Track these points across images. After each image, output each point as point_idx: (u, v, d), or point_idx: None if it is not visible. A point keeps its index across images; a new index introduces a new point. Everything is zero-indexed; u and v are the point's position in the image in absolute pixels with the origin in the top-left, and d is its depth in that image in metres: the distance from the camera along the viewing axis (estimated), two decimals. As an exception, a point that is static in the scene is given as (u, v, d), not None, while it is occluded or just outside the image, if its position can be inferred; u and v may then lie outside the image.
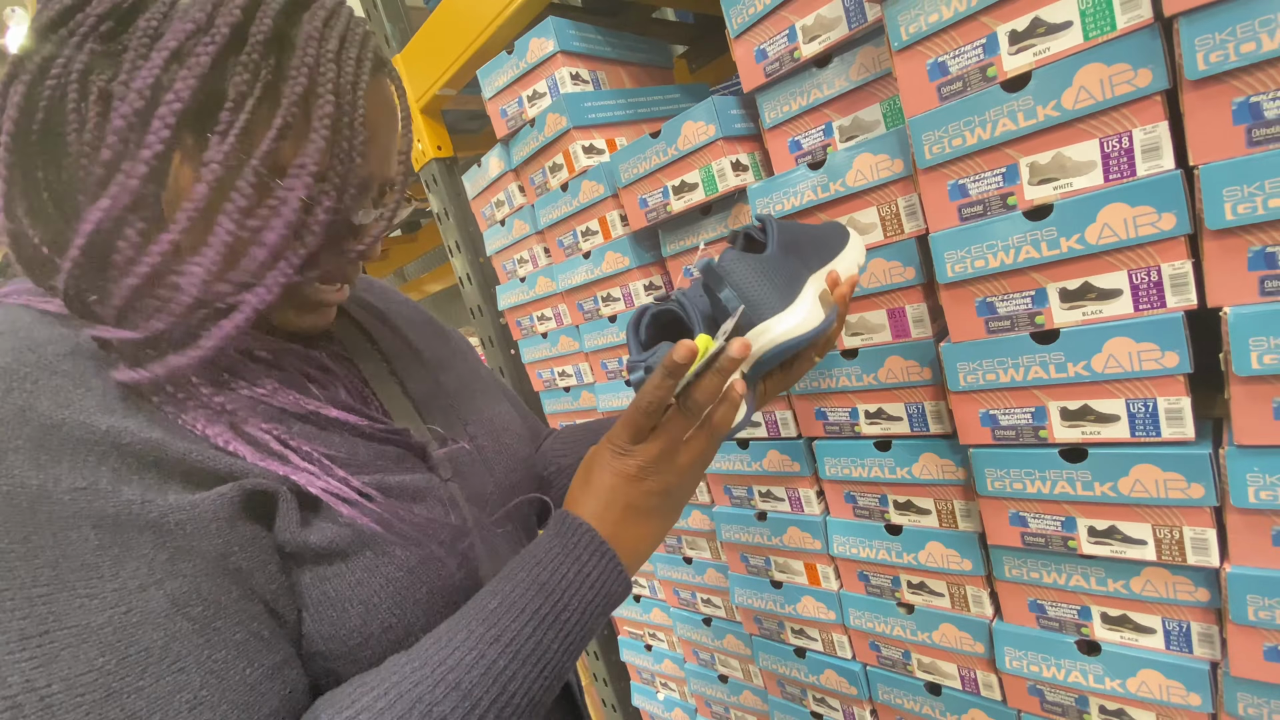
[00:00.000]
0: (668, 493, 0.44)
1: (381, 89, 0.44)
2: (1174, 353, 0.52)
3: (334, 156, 0.40)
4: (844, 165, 0.67)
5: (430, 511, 0.46)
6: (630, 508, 0.43)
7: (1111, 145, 0.51)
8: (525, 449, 0.64)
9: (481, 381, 0.66)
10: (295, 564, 0.39)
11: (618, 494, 0.43)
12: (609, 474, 0.44)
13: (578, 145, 0.91)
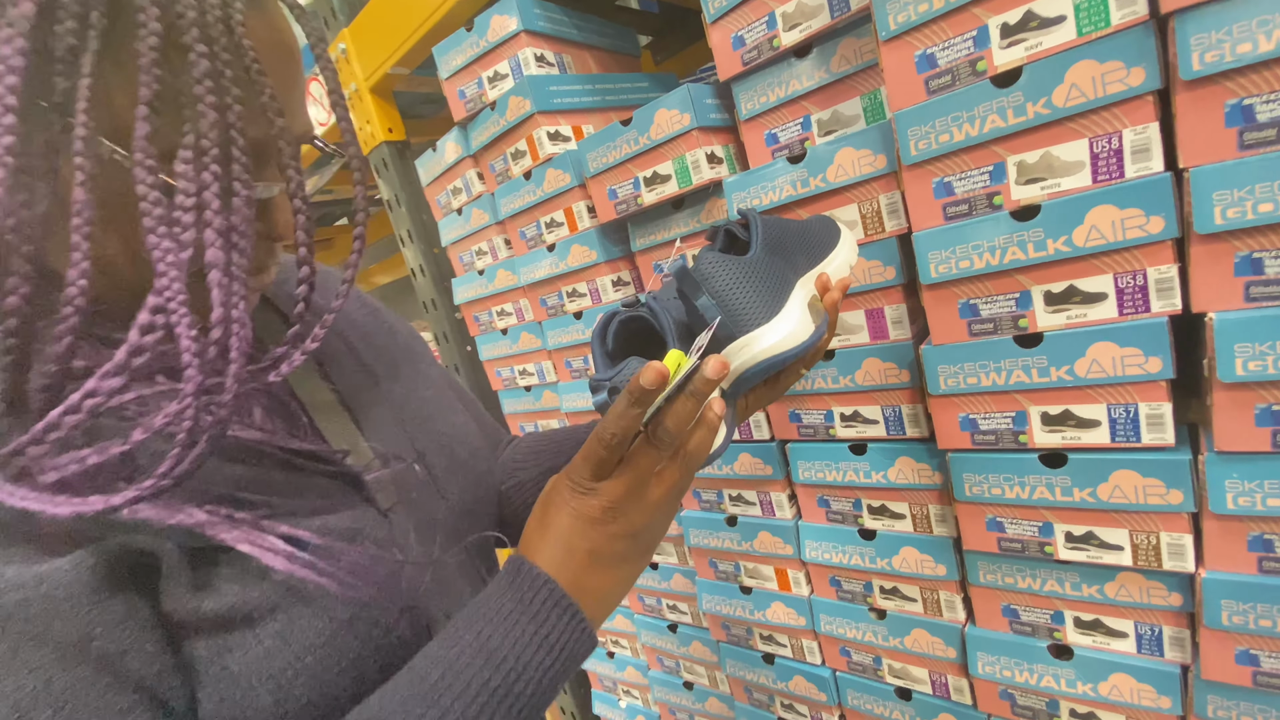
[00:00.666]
0: (636, 535, 0.39)
1: (267, 17, 0.35)
2: (1157, 358, 0.51)
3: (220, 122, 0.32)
4: (825, 159, 0.65)
5: (366, 554, 0.38)
6: (594, 554, 0.38)
7: (1101, 145, 0.50)
8: (483, 463, 0.57)
9: (432, 385, 0.58)
10: (188, 635, 0.32)
11: (579, 538, 0.38)
12: (569, 515, 0.38)
13: (542, 131, 0.86)
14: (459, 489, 0.52)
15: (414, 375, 0.57)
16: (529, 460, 0.62)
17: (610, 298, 0.90)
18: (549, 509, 0.39)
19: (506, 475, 0.61)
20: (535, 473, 0.61)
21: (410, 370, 0.57)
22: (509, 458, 0.64)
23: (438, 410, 0.56)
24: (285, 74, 0.36)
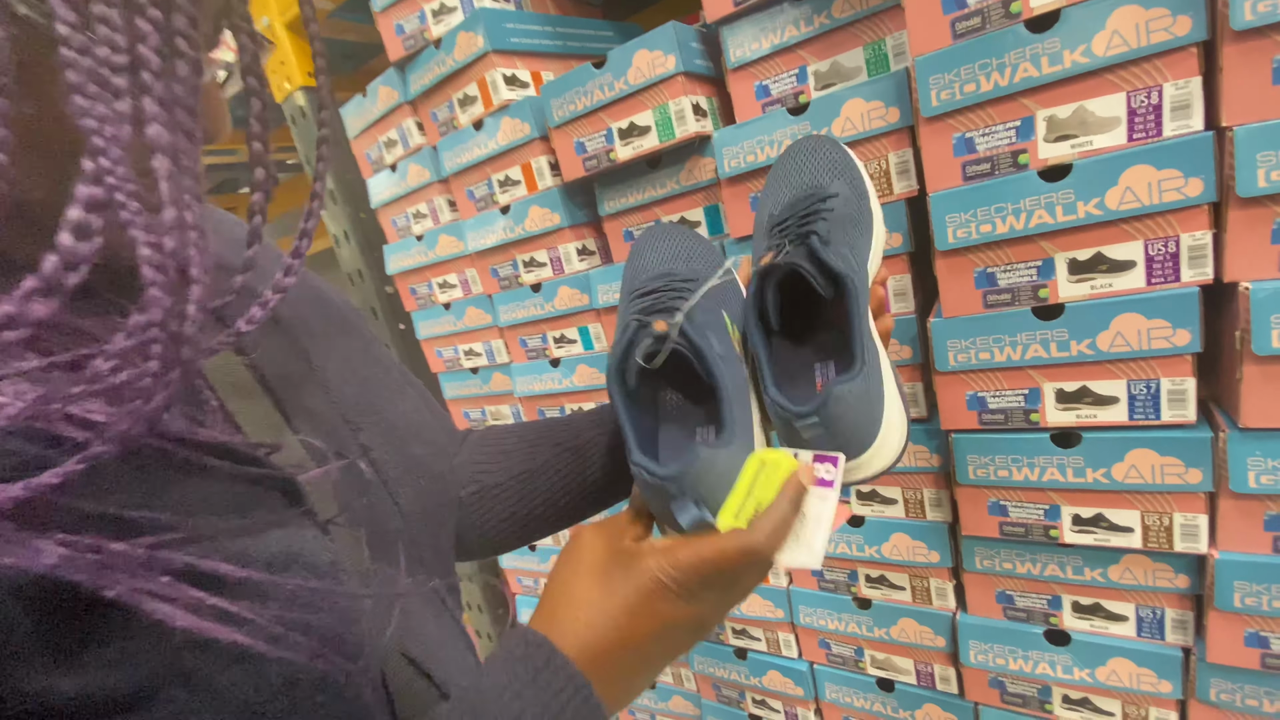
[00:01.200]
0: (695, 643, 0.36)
1: None
2: (1186, 330, 0.49)
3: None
4: (830, 111, 0.58)
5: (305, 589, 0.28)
6: (647, 659, 0.34)
7: (1139, 100, 0.47)
8: (441, 461, 0.47)
9: (379, 368, 0.47)
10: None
11: (650, 644, 0.33)
12: (652, 618, 0.33)
13: (497, 73, 0.75)
14: (415, 493, 0.41)
15: (354, 352, 0.45)
16: (495, 462, 0.51)
17: (575, 267, 0.81)
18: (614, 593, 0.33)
19: (466, 479, 0.50)
20: (503, 478, 0.50)
21: (349, 345, 0.45)
22: (468, 458, 0.52)
23: (385, 395, 0.44)
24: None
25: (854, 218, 0.43)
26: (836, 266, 0.38)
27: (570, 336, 0.85)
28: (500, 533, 0.49)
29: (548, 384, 0.88)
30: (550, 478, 0.49)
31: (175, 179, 0.22)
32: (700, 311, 0.39)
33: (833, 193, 0.43)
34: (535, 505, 0.49)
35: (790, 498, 0.34)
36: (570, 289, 0.81)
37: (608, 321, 0.80)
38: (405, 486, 0.41)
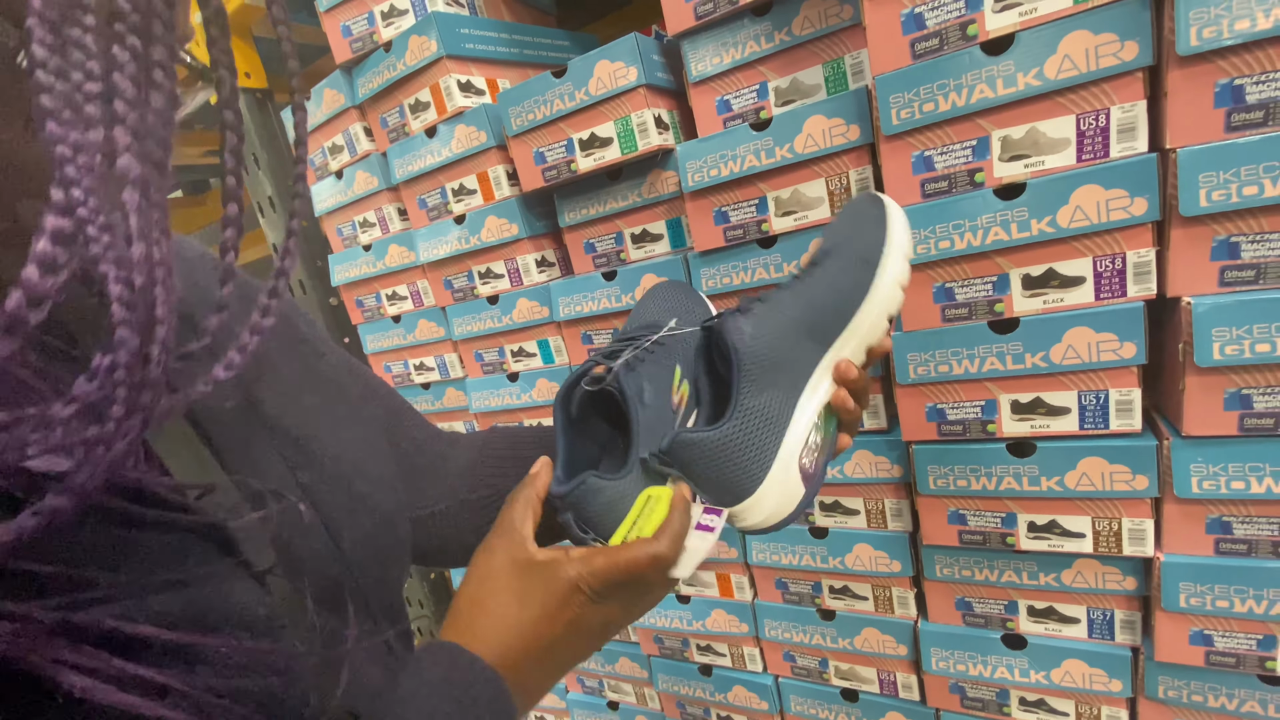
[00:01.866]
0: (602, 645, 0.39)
1: None
2: (1132, 343, 0.51)
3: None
4: (792, 128, 0.59)
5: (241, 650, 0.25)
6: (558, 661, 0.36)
7: (1088, 122, 0.48)
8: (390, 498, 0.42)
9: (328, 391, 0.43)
10: None
11: (566, 649, 0.35)
12: (563, 625, 0.34)
13: (451, 79, 0.72)
14: (360, 535, 0.38)
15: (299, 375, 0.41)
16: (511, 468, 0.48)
17: (534, 279, 0.78)
18: (528, 601, 0.34)
19: (477, 483, 0.48)
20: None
21: (293, 368, 0.41)
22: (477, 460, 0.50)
23: (330, 425, 0.40)
24: None
25: (826, 292, 0.42)
26: (729, 338, 0.40)
27: (529, 350, 0.82)
28: None
29: (505, 399, 0.85)
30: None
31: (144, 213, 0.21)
32: (651, 363, 0.42)
33: (818, 261, 0.43)
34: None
35: (680, 511, 0.36)
36: (529, 301, 0.79)
37: (569, 335, 0.78)
38: (348, 529, 0.37)
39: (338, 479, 0.38)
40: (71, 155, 0.19)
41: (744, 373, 0.39)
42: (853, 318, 0.41)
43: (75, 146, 0.19)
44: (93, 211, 0.19)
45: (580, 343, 0.78)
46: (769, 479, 0.39)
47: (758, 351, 0.39)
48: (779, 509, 0.40)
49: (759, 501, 0.39)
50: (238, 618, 0.26)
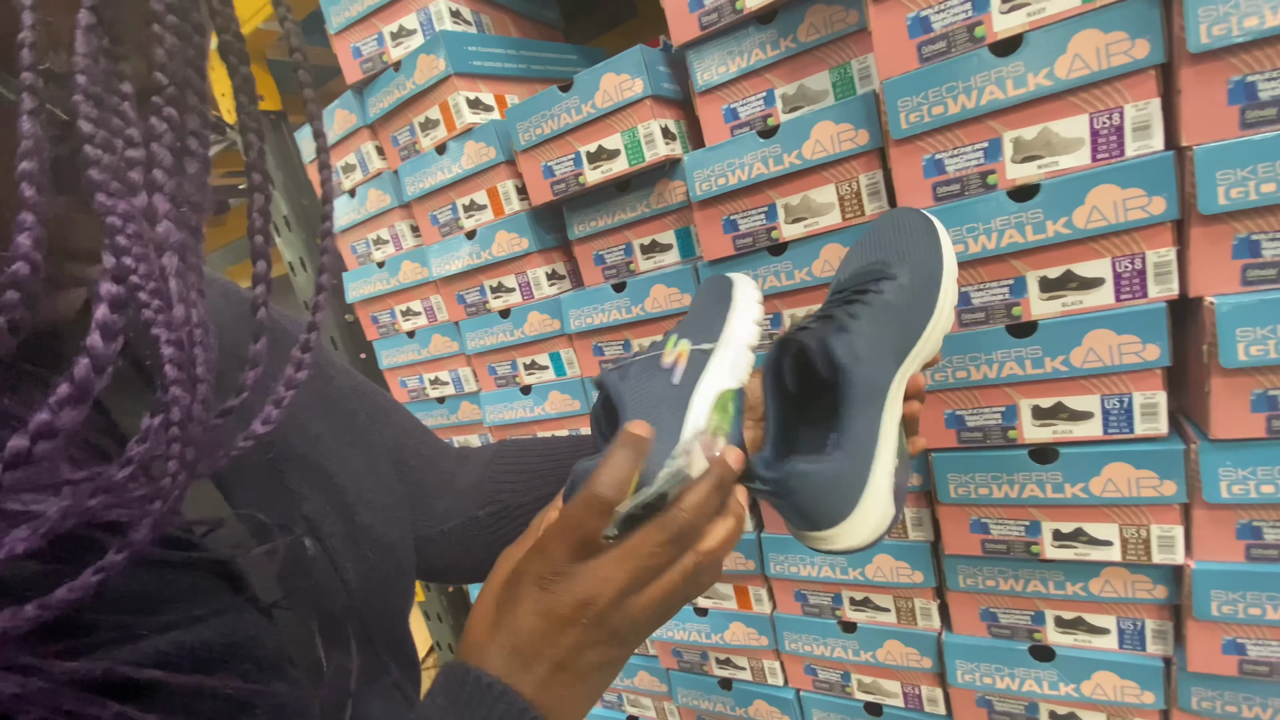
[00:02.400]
0: (623, 641, 0.31)
1: None
2: (1155, 345, 0.49)
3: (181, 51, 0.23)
4: (800, 134, 0.58)
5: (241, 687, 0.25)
6: (563, 665, 0.30)
7: (1101, 121, 0.48)
8: (395, 526, 0.42)
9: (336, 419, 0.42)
10: None
11: (546, 644, 0.30)
12: (532, 615, 0.30)
13: (460, 97, 0.73)
14: (363, 568, 0.38)
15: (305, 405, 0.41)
16: (520, 482, 0.48)
17: (544, 293, 0.79)
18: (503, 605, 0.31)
19: (485, 498, 0.47)
20: (528, 499, 0.47)
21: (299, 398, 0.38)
22: (485, 476, 0.49)
23: (334, 453, 0.40)
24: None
25: (905, 308, 0.43)
26: (837, 356, 0.38)
27: (541, 363, 0.82)
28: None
29: (519, 412, 0.86)
30: None
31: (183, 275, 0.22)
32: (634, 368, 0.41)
33: (890, 275, 0.44)
34: None
35: (622, 440, 0.32)
36: (541, 314, 0.79)
37: (580, 347, 0.78)
38: (352, 560, 0.37)
39: (342, 510, 0.38)
40: (121, 225, 0.20)
41: (854, 396, 0.38)
42: (922, 334, 0.43)
43: (124, 216, 0.20)
44: (143, 278, 0.20)
45: (592, 354, 0.78)
46: (866, 501, 0.38)
47: (867, 375, 0.39)
48: (876, 530, 0.38)
49: (859, 524, 0.38)
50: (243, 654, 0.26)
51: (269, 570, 0.31)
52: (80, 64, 0.20)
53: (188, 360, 0.22)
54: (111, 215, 0.20)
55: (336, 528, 0.37)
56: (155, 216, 0.22)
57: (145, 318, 0.21)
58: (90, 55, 0.20)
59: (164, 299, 0.21)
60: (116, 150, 0.21)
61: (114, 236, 0.20)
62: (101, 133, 0.20)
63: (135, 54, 0.22)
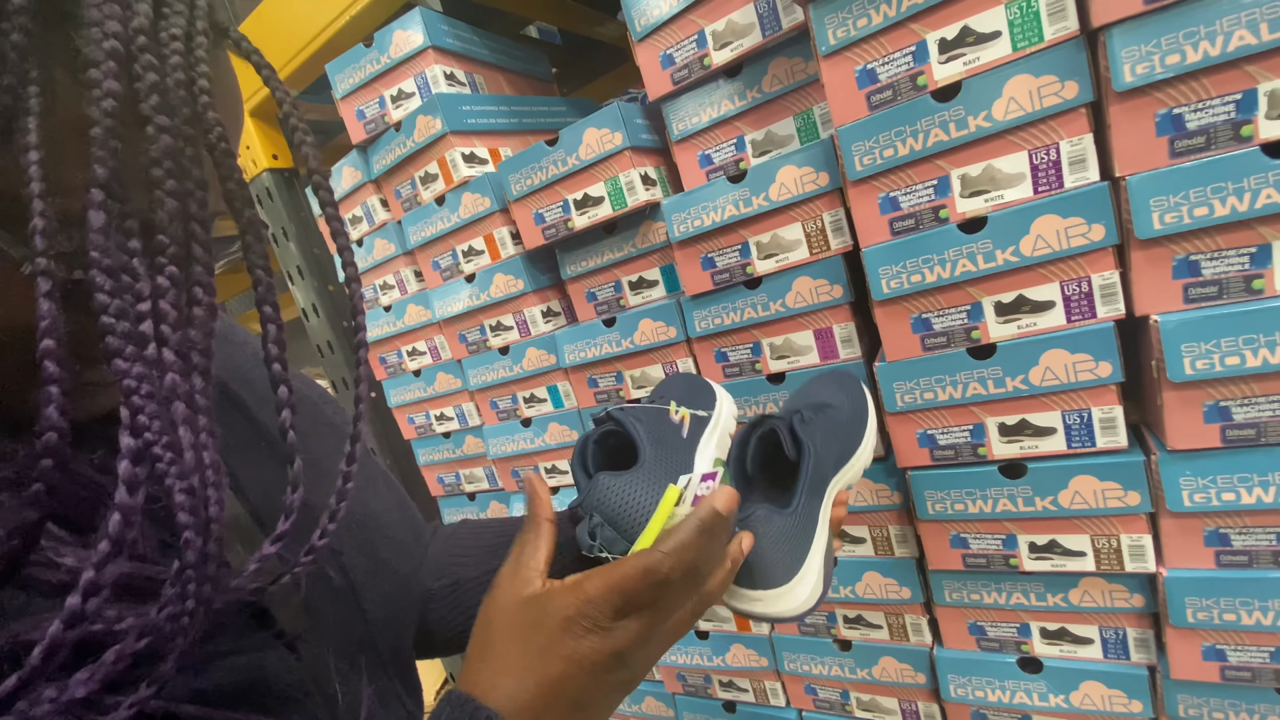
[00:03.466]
0: (634, 680, 0.34)
1: (220, 73, 0.29)
2: (1107, 362, 0.52)
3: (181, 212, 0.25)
4: (766, 178, 0.63)
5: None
6: (581, 703, 0.32)
7: (1040, 157, 0.51)
8: (407, 563, 0.46)
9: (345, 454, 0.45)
10: None
11: (571, 686, 0.32)
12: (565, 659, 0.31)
13: (456, 152, 0.79)
14: (380, 598, 0.41)
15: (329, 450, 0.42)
16: (473, 557, 0.50)
17: (541, 330, 0.83)
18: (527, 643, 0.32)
19: (440, 571, 0.49)
20: (480, 571, 0.49)
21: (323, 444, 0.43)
22: (443, 550, 0.52)
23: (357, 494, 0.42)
24: (235, 140, 0.29)
25: (845, 431, 0.53)
26: (802, 436, 0.47)
27: (540, 396, 0.86)
28: (468, 626, 0.48)
29: (520, 444, 0.89)
30: None
31: (192, 422, 0.24)
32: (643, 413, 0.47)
33: (835, 405, 0.54)
34: None
35: (699, 516, 0.34)
36: (538, 350, 0.83)
37: (575, 379, 0.82)
38: (371, 591, 0.40)
39: (364, 543, 0.41)
40: (136, 385, 0.22)
41: (808, 475, 0.46)
42: (854, 454, 0.53)
43: (139, 377, 0.22)
44: (158, 433, 0.22)
45: (587, 386, 0.81)
46: (805, 570, 0.43)
47: (819, 463, 0.47)
48: (809, 600, 0.43)
49: (795, 589, 0.43)
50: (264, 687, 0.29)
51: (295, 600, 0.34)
52: (95, 242, 0.22)
53: (200, 504, 0.24)
54: (127, 378, 0.22)
55: (358, 560, 0.40)
56: (164, 369, 0.23)
57: (159, 470, 0.23)
58: (102, 232, 0.22)
59: (175, 450, 0.23)
60: (130, 315, 0.22)
61: (130, 397, 0.22)
62: (116, 302, 0.22)
63: (140, 219, 0.23)
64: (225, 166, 0.27)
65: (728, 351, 0.71)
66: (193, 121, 0.25)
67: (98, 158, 0.22)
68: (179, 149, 0.24)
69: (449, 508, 1.06)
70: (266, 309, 0.30)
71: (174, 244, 0.24)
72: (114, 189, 0.22)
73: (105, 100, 0.22)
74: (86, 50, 0.22)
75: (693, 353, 0.73)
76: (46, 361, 0.21)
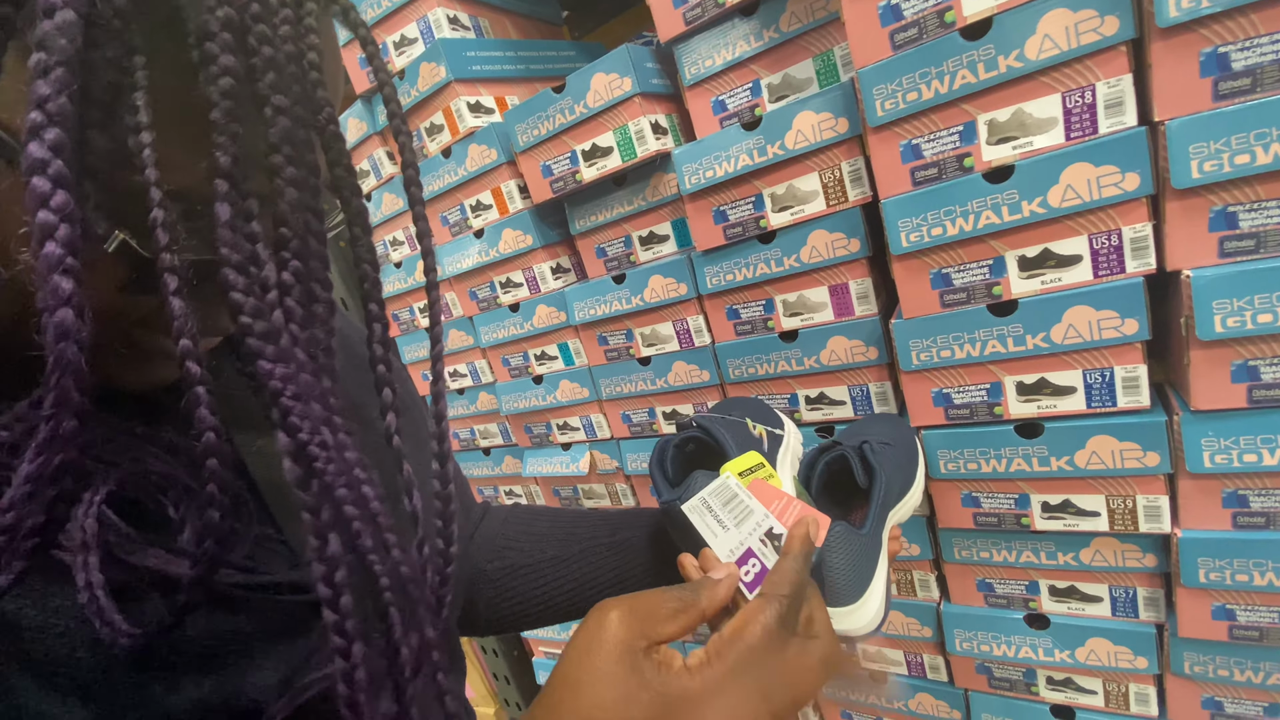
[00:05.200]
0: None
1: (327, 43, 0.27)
2: (1134, 319, 0.50)
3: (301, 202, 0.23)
4: (782, 125, 0.60)
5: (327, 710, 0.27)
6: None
7: (1074, 100, 0.48)
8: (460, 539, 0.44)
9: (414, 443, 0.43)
10: None
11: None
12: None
13: (461, 102, 0.76)
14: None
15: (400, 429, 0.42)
16: (526, 543, 0.50)
17: (550, 286, 0.82)
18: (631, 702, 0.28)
19: (493, 553, 0.50)
20: (533, 559, 0.50)
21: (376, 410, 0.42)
22: (495, 532, 0.51)
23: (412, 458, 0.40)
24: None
25: (902, 467, 0.56)
26: (873, 461, 0.50)
27: (551, 353, 0.86)
28: (514, 613, 0.49)
29: (532, 401, 0.90)
30: (583, 568, 0.49)
31: (330, 422, 0.23)
32: (723, 424, 0.49)
33: (891, 443, 0.56)
34: (560, 593, 0.49)
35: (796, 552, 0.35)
36: (548, 307, 0.82)
37: (586, 337, 0.82)
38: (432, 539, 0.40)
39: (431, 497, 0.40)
40: (282, 386, 0.21)
41: (882, 499, 0.49)
42: (909, 492, 0.55)
43: (284, 378, 0.21)
44: (310, 431, 0.22)
45: (597, 344, 0.81)
46: (872, 589, 0.45)
47: (887, 489, 0.50)
48: (875, 618, 0.44)
49: (864, 607, 0.44)
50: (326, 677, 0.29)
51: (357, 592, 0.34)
52: (224, 238, 0.20)
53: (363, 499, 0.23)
54: (273, 380, 0.21)
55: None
56: (300, 369, 0.22)
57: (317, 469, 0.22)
58: (229, 226, 0.21)
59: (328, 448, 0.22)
60: (268, 318, 0.21)
61: (279, 399, 0.21)
62: (251, 300, 0.21)
63: (265, 210, 0.22)
64: (335, 150, 0.26)
65: (739, 309, 0.69)
66: (303, 101, 0.23)
67: (219, 144, 0.21)
68: (295, 133, 0.22)
69: (464, 462, 1.07)
70: (373, 306, 0.29)
71: (295, 237, 0.23)
72: (237, 178, 0.21)
73: (223, 78, 0.20)
74: (198, 19, 0.20)
75: (703, 310, 0.72)
76: (189, 363, 0.21)
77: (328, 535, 0.22)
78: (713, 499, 0.41)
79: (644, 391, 0.79)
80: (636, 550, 0.48)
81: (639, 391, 0.80)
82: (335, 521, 0.22)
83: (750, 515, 0.40)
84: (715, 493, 0.41)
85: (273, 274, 0.22)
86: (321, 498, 0.22)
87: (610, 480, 0.89)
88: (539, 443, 0.94)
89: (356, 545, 0.22)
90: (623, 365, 0.80)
